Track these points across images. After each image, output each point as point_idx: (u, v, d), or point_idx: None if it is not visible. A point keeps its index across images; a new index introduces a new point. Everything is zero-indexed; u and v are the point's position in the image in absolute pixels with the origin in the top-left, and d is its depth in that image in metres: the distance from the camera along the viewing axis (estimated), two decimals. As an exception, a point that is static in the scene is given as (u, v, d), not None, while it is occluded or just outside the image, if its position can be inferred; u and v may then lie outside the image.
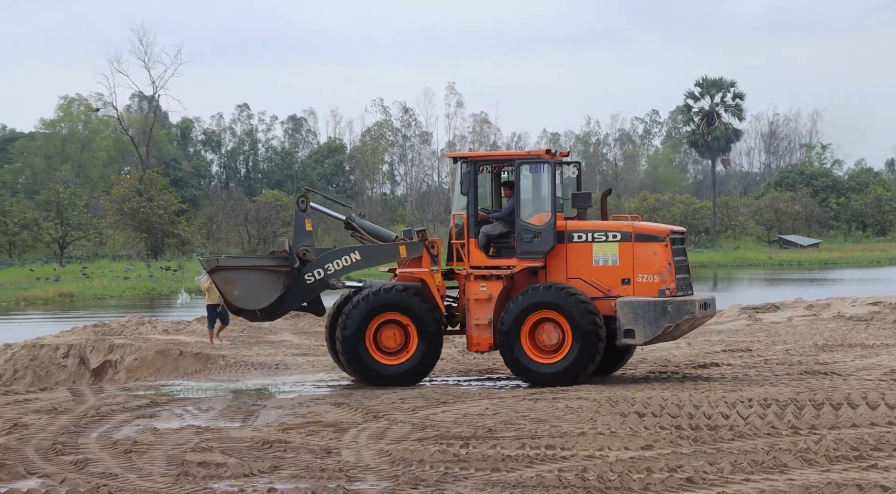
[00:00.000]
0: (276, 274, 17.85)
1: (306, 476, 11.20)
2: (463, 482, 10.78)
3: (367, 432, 13.61)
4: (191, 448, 12.73)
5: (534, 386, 17.43)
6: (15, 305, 49.65)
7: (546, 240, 17.75)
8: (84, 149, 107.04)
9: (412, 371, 17.88)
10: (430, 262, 18.22)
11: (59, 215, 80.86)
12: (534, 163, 18.06)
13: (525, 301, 17.52)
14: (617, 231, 17.84)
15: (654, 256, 17.67)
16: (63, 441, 13.30)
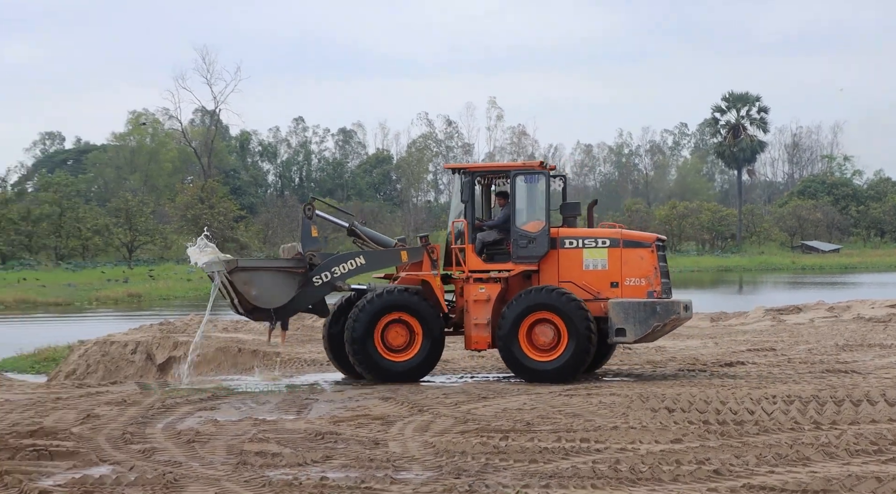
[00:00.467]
0: (291, 275, 17.84)
1: (356, 465, 11.20)
2: (502, 472, 10.75)
3: (413, 425, 13.61)
4: (249, 438, 12.76)
5: (530, 382, 17.48)
6: (88, 305, 50.08)
7: (540, 245, 17.94)
8: (151, 160, 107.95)
9: (418, 367, 17.88)
10: (431, 266, 18.28)
11: (128, 221, 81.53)
12: (529, 174, 18.25)
13: (523, 302, 17.59)
14: (606, 237, 18.10)
15: (641, 261, 17.90)
16: (132, 431, 13.38)
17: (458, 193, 18.27)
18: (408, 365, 17.80)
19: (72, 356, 22.35)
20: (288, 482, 10.39)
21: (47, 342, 26.17)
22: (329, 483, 10.33)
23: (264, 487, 10.24)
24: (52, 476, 10.76)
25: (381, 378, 17.70)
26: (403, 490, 10.03)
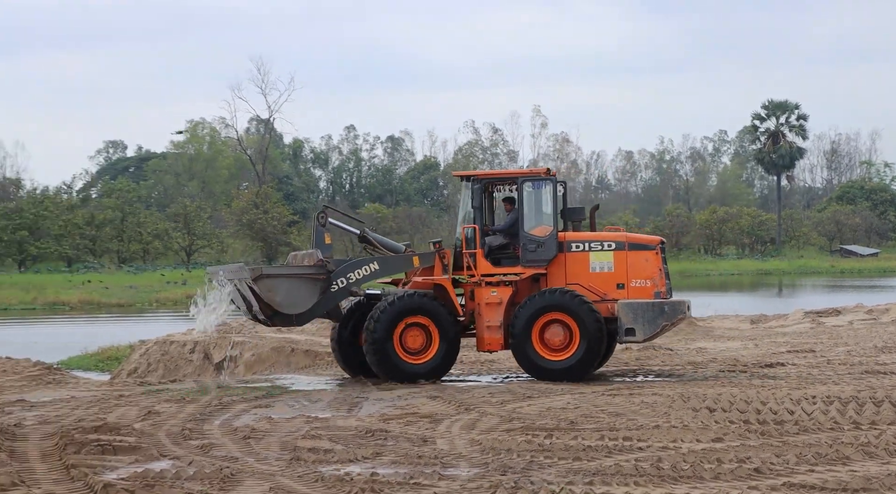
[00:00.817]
0: (313, 282, 17.68)
1: (405, 462, 11.21)
2: (547, 469, 10.72)
3: (460, 423, 13.60)
4: (302, 435, 12.82)
5: (542, 380, 17.49)
6: (148, 306, 50.55)
7: (549, 249, 18.03)
8: (208, 167, 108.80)
9: (435, 369, 17.83)
10: (442, 271, 18.28)
11: (186, 226, 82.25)
12: (536, 181, 18.35)
13: (535, 304, 17.65)
14: (612, 241, 18.19)
15: (647, 263, 18.06)
16: (190, 428, 13.48)
17: (469, 200, 18.38)
18: (426, 367, 17.73)
19: (133, 355, 22.54)
20: (339, 477, 10.42)
21: (110, 341, 26.44)
22: (379, 478, 10.35)
23: (317, 482, 10.28)
24: (115, 470, 10.87)
25: (399, 379, 17.59)
26: (451, 486, 10.03)
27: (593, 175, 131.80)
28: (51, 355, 23.85)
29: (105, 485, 9.94)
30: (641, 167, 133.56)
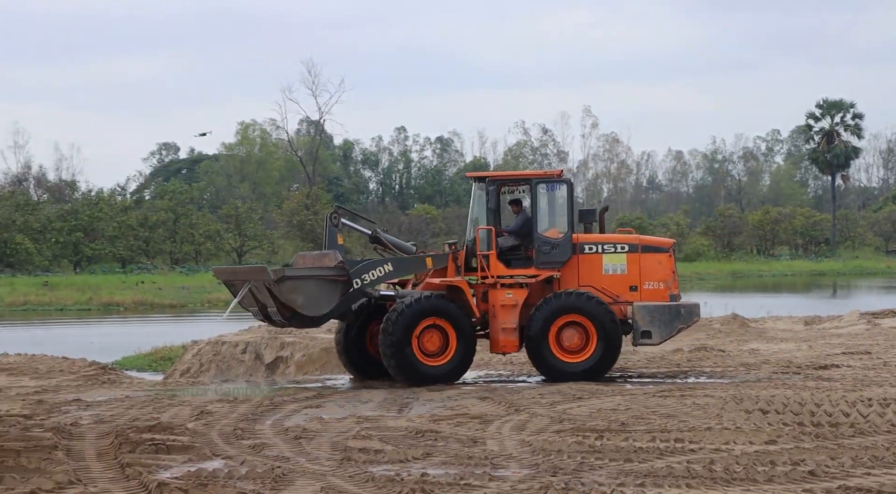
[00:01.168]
0: (335, 283, 17.54)
1: (455, 462, 11.22)
2: (598, 471, 10.68)
3: (510, 424, 13.59)
4: (352, 435, 12.87)
5: (557, 382, 17.42)
6: (200, 307, 50.98)
7: (564, 251, 18.04)
8: (259, 168, 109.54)
9: (453, 371, 17.75)
10: (455, 272, 18.19)
11: (237, 227, 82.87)
12: (550, 182, 18.38)
13: (552, 306, 17.63)
14: (625, 243, 18.27)
15: (660, 265, 18.17)
16: (242, 427, 13.59)
17: (484, 201, 18.31)
18: (444, 369, 17.64)
19: (186, 355, 22.73)
20: (390, 477, 10.45)
21: (163, 341, 26.68)
22: (429, 479, 10.37)
23: (367, 482, 10.32)
24: (169, 469, 10.99)
25: (416, 382, 17.45)
26: (501, 487, 10.03)
27: (644, 175, 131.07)
28: (105, 355, 24.13)
29: (159, 484, 10.04)
30: (692, 167, 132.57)
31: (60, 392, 18.00)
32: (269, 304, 17.51)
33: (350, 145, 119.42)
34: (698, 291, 49.39)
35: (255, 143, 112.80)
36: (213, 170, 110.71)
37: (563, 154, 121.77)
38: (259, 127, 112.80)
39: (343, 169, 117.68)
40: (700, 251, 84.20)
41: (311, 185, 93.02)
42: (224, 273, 19.23)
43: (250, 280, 17.54)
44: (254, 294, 17.58)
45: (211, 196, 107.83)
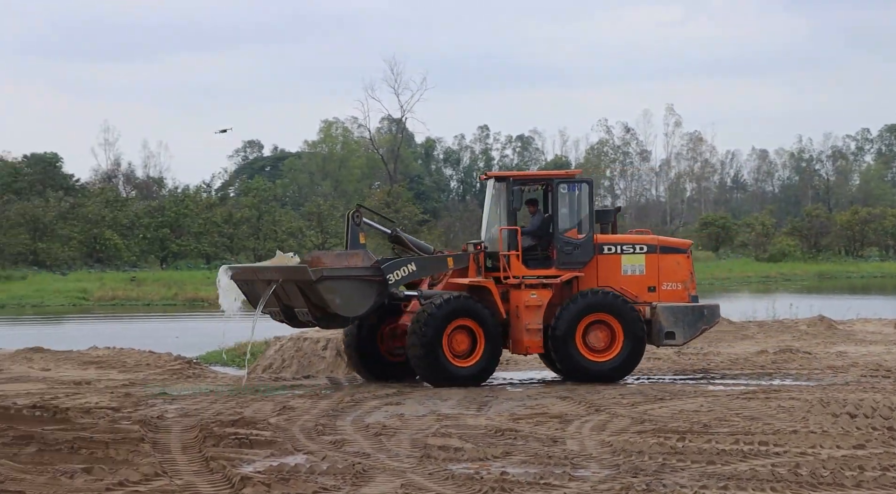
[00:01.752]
0: (370, 284, 17.30)
1: (535, 462, 11.19)
2: (680, 473, 10.57)
3: (590, 424, 13.51)
4: (432, 433, 12.90)
5: (581, 382, 17.34)
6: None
7: (586, 251, 17.93)
8: (341, 166, 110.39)
9: (482, 372, 17.57)
10: (477, 272, 17.97)
11: (319, 224, 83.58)
12: (571, 183, 18.21)
13: (579, 305, 17.53)
14: (644, 244, 18.22)
15: (678, 266, 18.18)
16: (323, 423, 13.70)
17: (503, 202, 18.08)
18: (472, 370, 17.43)
19: (268, 351, 22.97)
20: (470, 476, 10.46)
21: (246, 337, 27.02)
22: (509, 478, 10.35)
23: (447, 480, 10.34)
24: (252, 464, 11.12)
25: (445, 382, 17.19)
26: (581, 487, 9.98)
27: (728, 174, 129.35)
28: (190, 350, 24.50)
29: (242, 478, 10.17)
30: (778, 166, 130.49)
31: (147, 385, 18.35)
32: (297, 304, 17.23)
33: (432, 143, 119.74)
34: (784, 292, 48.62)
35: (338, 141, 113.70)
36: (296, 168, 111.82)
37: (646, 152, 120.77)
38: (341, 125, 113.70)
39: (424, 167, 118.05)
40: (786, 251, 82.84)
41: (393, 183, 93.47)
42: (251, 272, 18.33)
43: (277, 279, 17.16)
44: (277, 294, 17.25)
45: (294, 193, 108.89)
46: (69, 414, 14.05)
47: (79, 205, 73.88)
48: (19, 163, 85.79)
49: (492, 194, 18.78)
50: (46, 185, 79.07)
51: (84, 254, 71.23)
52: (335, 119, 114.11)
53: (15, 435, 12.40)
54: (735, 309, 33.75)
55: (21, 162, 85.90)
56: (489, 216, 18.86)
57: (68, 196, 76.85)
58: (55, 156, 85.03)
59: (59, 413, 14.14)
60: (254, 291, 17.84)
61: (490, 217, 18.83)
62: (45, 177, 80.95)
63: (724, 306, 34.92)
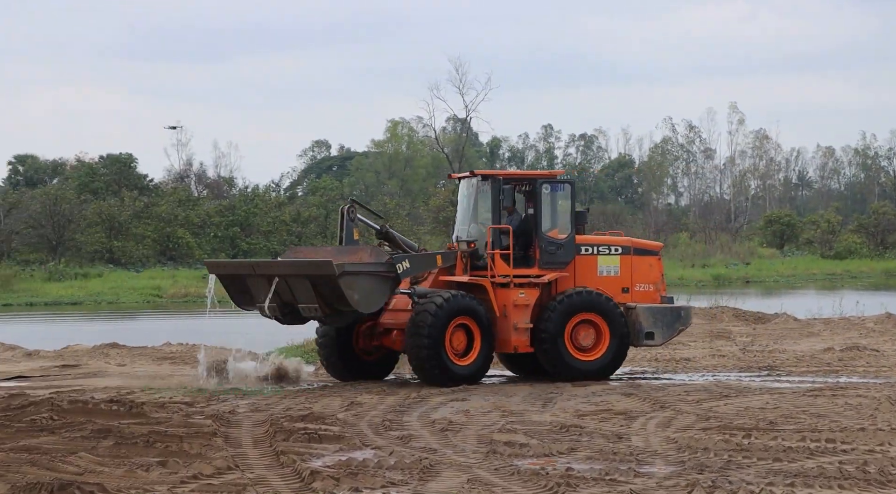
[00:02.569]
0: (385, 279, 16.79)
1: (600, 458, 11.13)
2: (746, 469, 10.46)
3: (655, 420, 13.41)
4: (498, 429, 12.88)
5: (568, 380, 17.17)
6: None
7: (568, 251, 17.83)
8: (407, 165, 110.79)
9: (479, 370, 17.32)
10: (463, 270, 17.65)
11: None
12: (554, 183, 18.04)
13: (568, 305, 17.40)
14: (619, 245, 18.22)
15: (650, 268, 18.25)
16: (390, 419, 13.74)
17: (496, 201, 17.62)
18: (470, 368, 17.15)
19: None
20: (535, 471, 10.43)
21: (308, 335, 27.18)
22: (574, 473, 10.31)
23: (513, 475, 10.32)
24: (321, 458, 11.19)
25: (446, 382, 16.80)
26: (647, 484, 9.91)
27: (793, 172, 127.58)
28: (260, 346, 24.72)
29: (312, 472, 10.25)
30: (844, 164, 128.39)
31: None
32: (304, 300, 16.71)
33: (497, 142, 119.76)
34: (850, 289, 47.84)
35: (404, 141, 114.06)
36: (362, 167, 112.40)
37: (710, 150, 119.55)
38: (407, 124, 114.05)
39: (489, 165, 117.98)
40: (852, 249, 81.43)
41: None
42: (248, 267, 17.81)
43: (278, 274, 16.72)
44: (276, 289, 16.78)
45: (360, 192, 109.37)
46: (144, 409, 14.28)
47: (152, 204, 74.87)
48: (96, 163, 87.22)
49: (468, 193, 18.39)
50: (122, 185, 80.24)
51: (157, 252, 72.17)
52: (401, 119, 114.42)
53: (93, 429, 12.64)
54: (800, 306, 33.31)
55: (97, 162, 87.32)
56: (465, 215, 18.44)
57: (142, 195, 77.91)
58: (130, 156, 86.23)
59: (135, 407, 14.37)
60: (239, 286, 17.43)
61: (466, 215, 18.40)
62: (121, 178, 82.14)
63: (790, 303, 34.66)
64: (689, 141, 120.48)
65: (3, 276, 56.56)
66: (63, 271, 60.98)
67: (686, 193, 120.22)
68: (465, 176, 18.85)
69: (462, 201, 18.72)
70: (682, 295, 39.86)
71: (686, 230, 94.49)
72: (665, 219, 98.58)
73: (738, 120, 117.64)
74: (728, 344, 23.55)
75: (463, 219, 18.56)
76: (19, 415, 13.75)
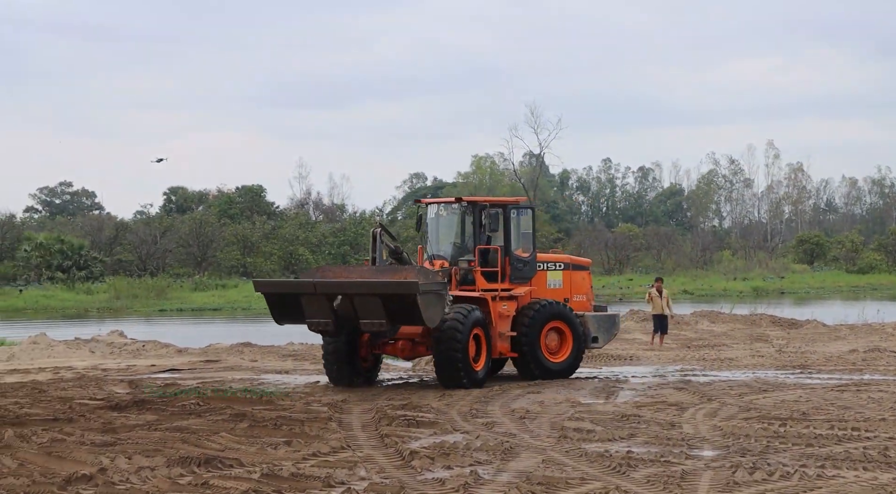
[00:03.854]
0: (442, 296, 15.33)
1: (656, 443, 10.99)
2: (782, 453, 10.24)
3: (703, 411, 13.20)
4: (568, 417, 12.79)
5: (539, 379, 16.81)
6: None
7: (532, 268, 17.51)
8: (489, 193, 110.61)
9: (486, 375, 16.57)
10: (456, 286, 16.57)
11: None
12: (519, 208, 17.58)
13: (544, 314, 17.07)
14: (561, 262, 18.09)
15: (583, 281, 18.11)
16: (476, 408, 13.73)
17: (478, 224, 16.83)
18: (481, 373, 16.35)
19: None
20: (600, 453, 10.34)
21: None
22: (634, 455, 10.20)
23: (581, 457, 10.24)
24: (418, 440, 11.23)
25: (469, 385, 15.88)
26: (696, 465, 9.76)
27: (822, 199, 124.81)
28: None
29: (411, 452, 10.29)
30: (865, 192, 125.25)
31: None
32: (370, 316, 14.97)
33: (567, 174, 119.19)
34: (871, 300, 46.56)
35: (486, 172, 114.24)
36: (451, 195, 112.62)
37: (749, 180, 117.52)
38: (489, 159, 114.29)
39: (559, 193, 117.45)
40: (873, 265, 79.40)
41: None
42: (343, 286, 15.28)
43: (341, 293, 15.02)
44: (335, 307, 15.02)
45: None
46: (273, 397, 14.48)
47: (278, 227, 76.05)
48: (233, 193, 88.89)
49: (444, 216, 17.44)
50: (253, 211, 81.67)
51: (282, 267, 73.18)
52: (485, 154, 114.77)
53: (231, 414, 12.87)
54: (828, 314, 32.55)
55: (234, 192, 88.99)
56: (441, 235, 17.50)
57: (270, 219, 79.20)
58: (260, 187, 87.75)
59: (265, 396, 14.58)
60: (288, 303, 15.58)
61: (443, 236, 17.47)
62: (253, 205, 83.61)
63: (819, 311, 33.85)
64: (731, 172, 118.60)
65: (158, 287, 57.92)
66: (206, 283, 62.23)
67: (728, 217, 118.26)
68: (446, 201, 17.70)
69: (436, 224, 17.60)
70: (726, 304, 39.25)
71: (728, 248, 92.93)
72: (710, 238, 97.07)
73: (774, 155, 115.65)
74: (766, 346, 23.09)
75: (443, 240, 17.45)
76: (172, 401, 14.07)
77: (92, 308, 50.08)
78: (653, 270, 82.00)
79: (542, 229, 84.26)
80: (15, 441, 10.77)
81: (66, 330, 31.94)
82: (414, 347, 16.69)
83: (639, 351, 22.22)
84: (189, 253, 73.53)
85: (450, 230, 17.52)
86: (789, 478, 9.09)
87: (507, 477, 9.24)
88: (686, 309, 33.37)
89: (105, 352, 23.15)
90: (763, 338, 24.93)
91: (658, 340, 23.24)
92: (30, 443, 10.67)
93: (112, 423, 12.17)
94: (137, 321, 40.48)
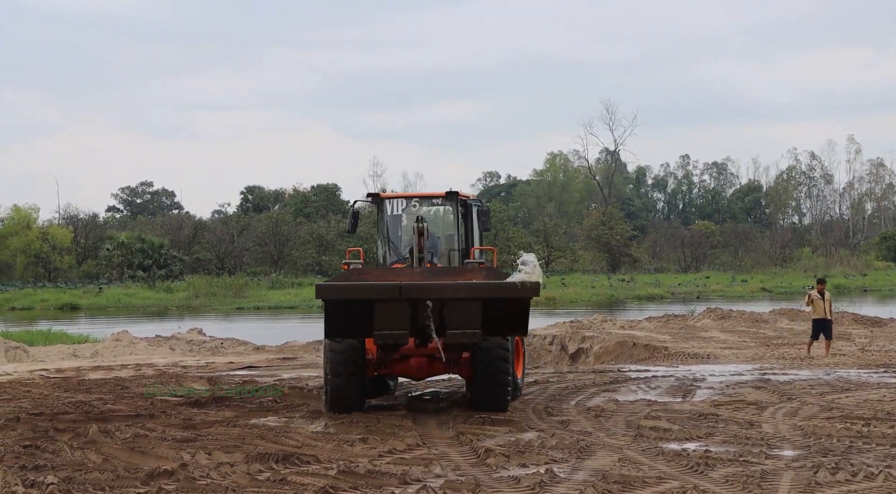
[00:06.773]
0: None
1: (734, 442, 10.82)
2: (865, 453, 9.99)
3: (783, 410, 12.94)
4: (643, 415, 12.66)
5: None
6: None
7: (490, 262, 15.91)
8: (563, 191, 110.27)
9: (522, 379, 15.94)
10: None
11: (545, 240, 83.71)
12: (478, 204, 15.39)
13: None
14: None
15: None
16: (551, 406, 13.68)
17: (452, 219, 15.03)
18: (521, 381, 15.43)
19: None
20: (677, 452, 10.22)
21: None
22: (712, 455, 10.05)
23: (658, 456, 10.13)
24: (493, 438, 11.23)
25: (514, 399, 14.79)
26: (776, 465, 9.58)
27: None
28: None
29: (486, 449, 10.30)
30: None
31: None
32: (464, 325, 11.99)
33: (643, 171, 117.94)
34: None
35: (560, 170, 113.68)
36: (525, 193, 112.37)
37: (829, 176, 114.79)
38: (563, 156, 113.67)
39: (635, 191, 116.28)
40: (957, 259, 77.09)
41: (607, 205, 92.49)
42: (451, 289, 12.09)
43: (432, 298, 11.94)
44: (421, 314, 11.93)
45: (524, 214, 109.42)
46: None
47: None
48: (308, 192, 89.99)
49: (434, 213, 15.36)
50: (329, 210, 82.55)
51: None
52: (559, 151, 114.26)
53: (308, 410, 13.04)
54: (914, 311, 31.61)
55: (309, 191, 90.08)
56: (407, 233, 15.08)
57: (345, 218, 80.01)
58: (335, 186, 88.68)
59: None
60: (355, 312, 11.95)
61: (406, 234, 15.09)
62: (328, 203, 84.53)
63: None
64: (810, 168, 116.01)
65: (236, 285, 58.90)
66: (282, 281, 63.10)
67: (808, 214, 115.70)
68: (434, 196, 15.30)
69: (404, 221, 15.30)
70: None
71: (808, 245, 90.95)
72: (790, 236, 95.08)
73: (856, 150, 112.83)
74: (848, 345, 22.54)
75: (399, 237, 15.26)
76: (250, 398, 14.31)
77: (171, 306, 51.22)
78: (730, 268, 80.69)
79: (616, 225, 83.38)
80: (99, 436, 11.08)
81: (147, 327, 32.74)
82: (431, 365, 13.51)
83: (716, 349, 21.88)
84: (265, 251, 74.65)
85: (438, 227, 15.32)
86: (874, 479, 8.87)
87: (582, 476, 9.18)
88: (765, 308, 32.76)
89: (185, 350, 23.66)
90: (845, 336, 24.33)
91: (824, 348, 20.61)
92: (113, 439, 10.97)
93: (192, 419, 12.43)
94: (216, 319, 41.27)
